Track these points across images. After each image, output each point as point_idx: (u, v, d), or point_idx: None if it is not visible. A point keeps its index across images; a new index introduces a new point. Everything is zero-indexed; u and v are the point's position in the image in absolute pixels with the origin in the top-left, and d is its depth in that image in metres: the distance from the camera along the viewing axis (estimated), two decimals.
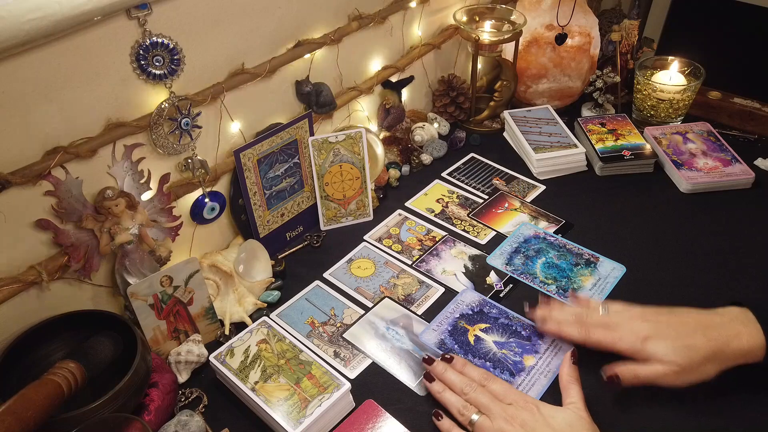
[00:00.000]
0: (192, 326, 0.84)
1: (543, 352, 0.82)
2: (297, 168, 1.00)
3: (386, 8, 1.07)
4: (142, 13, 0.71)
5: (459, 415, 0.72)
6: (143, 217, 0.80)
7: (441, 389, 0.76)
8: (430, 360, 0.79)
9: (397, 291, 0.93)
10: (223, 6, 0.81)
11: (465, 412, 0.72)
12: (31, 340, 0.72)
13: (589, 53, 1.26)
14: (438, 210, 1.09)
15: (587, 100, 1.34)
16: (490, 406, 0.71)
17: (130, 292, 0.77)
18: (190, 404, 0.78)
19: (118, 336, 0.74)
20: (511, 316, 0.88)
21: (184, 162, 0.86)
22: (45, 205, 0.72)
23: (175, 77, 0.78)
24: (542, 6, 1.25)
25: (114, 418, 0.64)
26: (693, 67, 1.23)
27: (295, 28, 0.94)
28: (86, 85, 0.71)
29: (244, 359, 0.78)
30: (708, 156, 1.14)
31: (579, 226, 1.04)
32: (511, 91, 1.27)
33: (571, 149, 1.15)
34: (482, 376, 0.75)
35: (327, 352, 0.84)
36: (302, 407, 0.72)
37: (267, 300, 0.92)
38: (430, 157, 1.20)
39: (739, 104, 1.26)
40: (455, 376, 0.76)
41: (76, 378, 0.64)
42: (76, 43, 0.67)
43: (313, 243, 1.03)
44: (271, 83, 0.93)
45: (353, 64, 1.08)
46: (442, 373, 0.77)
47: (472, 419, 0.71)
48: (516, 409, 0.70)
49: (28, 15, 0.59)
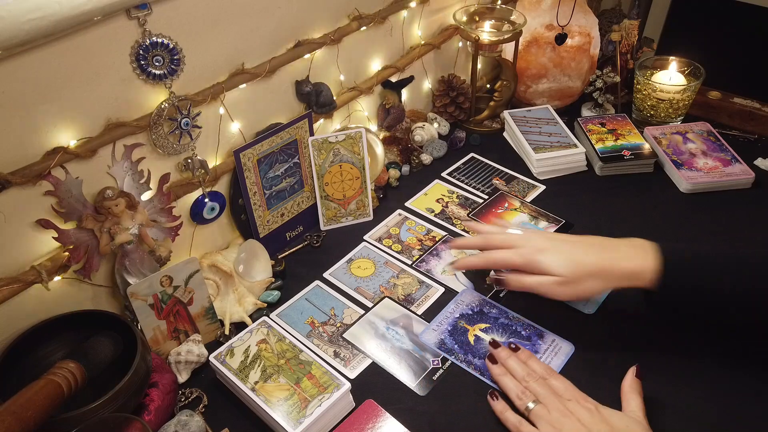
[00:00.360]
0: (192, 326, 0.84)
1: (543, 352, 0.82)
2: (297, 168, 1.00)
3: (386, 8, 1.07)
4: (142, 13, 0.71)
5: (517, 399, 0.73)
6: (143, 217, 0.80)
7: (502, 372, 0.76)
8: (495, 344, 0.79)
9: (397, 291, 0.93)
10: (223, 6, 0.81)
11: (523, 397, 0.72)
12: (31, 340, 0.72)
13: (589, 53, 1.26)
14: (438, 210, 1.09)
15: (587, 100, 1.34)
16: (548, 397, 0.71)
17: (130, 292, 0.77)
18: (190, 404, 0.78)
19: (118, 336, 0.74)
20: (511, 316, 0.88)
21: (184, 162, 0.86)
22: (45, 205, 0.72)
23: (175, 77, 0.78)
24: (542, 6, 1.25)
25: (114, 418, 0.64)
26: (693, 67, 1.23)
27: (295, 28, 0.94)
28: (86, 85, 0.71)
29: (244, 359, 0.78)
30: (708, 156, 1.14)
31: (579, 226, 1.04)
32: (511, 91, 1.27)
33: (571, 149, 1.15)
34: (545, 370, 0.76)
35: (327, 352, 0.84)
36: (302, 407, 0.72)
37: (267, 300, 0.92)
38: (430, 157, 1.20)
39: (739, 104, 1.26)
40: (518, 364, 0.76)
41: (76, 378, 0.64)
42: (76, 43, 0.67)
43: (313, 243, 1.03)
44: (271, 83, 0.93)
45: (353, 64, 1.08)
46: (505, 358, 0.77)
47: (528, 406, 0.71)
48: (574, 405, 0.70)
49: (28, 15, 0.59)
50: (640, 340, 0.85)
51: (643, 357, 0.82)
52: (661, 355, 0.82)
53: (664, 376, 0.79)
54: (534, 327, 0.86)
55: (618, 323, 0.87)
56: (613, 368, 0.80)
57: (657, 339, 0.84)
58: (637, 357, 0.82)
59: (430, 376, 0.80)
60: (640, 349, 0.83)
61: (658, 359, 0.81)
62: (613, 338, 0.85)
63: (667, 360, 0.81)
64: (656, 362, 0.81)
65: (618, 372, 0.79)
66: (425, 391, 0.79)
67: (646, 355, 0.82)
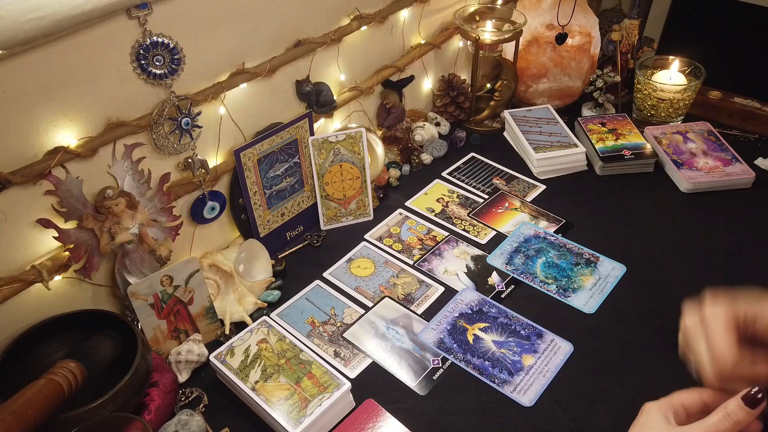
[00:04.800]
0: (192, 326, 0.84)
1: (542, 352, 0.83)
2: (297, 167, 1.00)
3: (386, 8, 1.07)
4: (142, 13, 0.71)
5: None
6: (143, 217, 0.80)
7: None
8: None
9: (397, 290, 0.93)
10: (223, 5, 0.81)
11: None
12: (31, 340, 0.72)
13: (589, 53, 1.26)
14: (438, 209, 1.09)
15: (587, 100, 1.34)
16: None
17: (131, 291, 0.77)
18: (190, 404, 0.78)
19: (118, 336, 0.74)
20: (510, 316, 0.88)
21: (184, 161, 0.86)
22: (45, 205, 0.72)
23: (176, 77, 0.78)
24: (542, 5, 1.25)
25: (114, 417, 0.64)
26: (693, 67, 1.23)
27: (296, 28, 0.94)
28: (87, 85, 0.71)
29: (244, 359, 0.78)
30: (708, 155, 1.14)
31: (579, 225, 1.04)
32: (512, 90, 1.27)
33: (572, 149, 1.15)
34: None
35: (327, 352, 0.84)
36: (302, 407, 0.72)
37: (267, 299, 0.92)
38: (430, 157, 1.20)
39: (739, 104, 1.26)
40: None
41: (76, 378, 0.65)
42: (76, 43, 0.67)
43: (314, 242, 1.03)
44: (271, 83, 0.93)
45: (353, 63, 1.08)
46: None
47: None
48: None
49: (28, 15, 0.59)
50: (640, 340, 0.85)
51: (643, 357, 0.82)
52: (661, 354, 0.82)
53: (664, 376, 0.79)
54: (533, 326, 0.86)
55: (618, 323, 0.87)
56: (613, 368, 0.80)
57: (657, 339, 0.84)
58: (637, 357, 0.82)
59: (431, 375, 0.81)
60: (640, 349, 0.83)
61: (658, 359, 0.81)
62: (612, 338, 0.85)
63: (667, 360, 0.81)
64: (656, 362, 0.81)
65: (617, 372, 0.80)
66: (425, 391, 0.79)
67: (646, 354, 0.82)
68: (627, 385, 0.78)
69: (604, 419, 0.73)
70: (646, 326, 0.86)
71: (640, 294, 0.91)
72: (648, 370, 0.80)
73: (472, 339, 0.85)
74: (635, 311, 0.88)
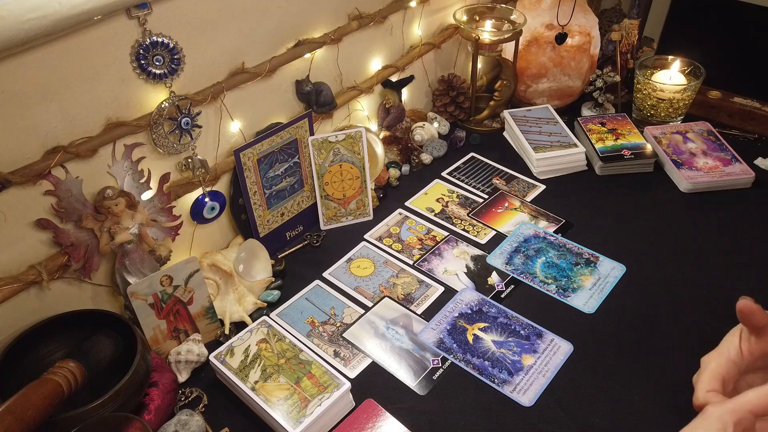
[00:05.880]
0: (192, 326, 0.84)
1: (541, 352, 0.83)
2: (297, 167, 1.00)
3: (386, 8, 1.07)
4: (142, 13, 0.71)
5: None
6: (143, 217, 0.80)
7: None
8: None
9: (397, 290, 0.93)
10: (223, 5, 0.81)
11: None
12: (31, 340, 0.72)
13: (589, 53, 1.26)
14: (438, 209, 1.09)
15: (587, 100, 1.34)
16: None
17: (130, 291, 0.77)
18: (190, 404, 0.78)
19: (118, 336, 0.74)
20: (510, 316, 0.88)
21: (184, 161, 0.86)
22: (45, 205, 0.72)
23: (175, 77, 0.78)
24: (542, 5, 1.25)
25: (114, 417, 0.64)
26: (693, 67, 1.23)
27: (295, 28, 0.94)
28: (86, 85, 0.71)
29: (244, 359, 0.78)
30: (708, 155, 1.14)
31: (579, 225, 1.04)
32: (511, 90, 1.27)
33: (571, 149, 1.15)
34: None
35: (327, 352, 0.84)
36: (302, 407, 0.72)
37: (267, 299, 0.92)
38: (430, 157, 1.20)
39: (739, 104, 1.26)
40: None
41: (76, 378, 0.64)
42: (76, 43, 0.67)
43: (313, 242, 1.03)
44: (271, 83, 0.93)
45: (353, 63, 1.08)
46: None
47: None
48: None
49: (28, 15, 0.59)
50: (639, 340, 0.85)
51: (643, 356, 0.82)
52: (661, 354, 0.82)
53: (664, 376, 0.79)
54: (533, 326, 0.86)
55: (618, 323, 0.87)
56: (612, 368, 0.80)
57: (656, 339, 0.84)
58: (637, 356, 0.82)
59: (430, 375, 0.81)
60: (640, 349, 0.83)
61: (658, 358, 0.81)
62: (612, 338, 0.85)
63: (668, 360, 0.81)
64: (656, 361, 0.81)
65: (617, 372, 0.80)
66: (425, 391, 0.79)
67: (646, 354, 0.82)
68: (627, 385, 0.78)
69: (603, 419, 0.73)
70: (645, 326, 0.86)
71: (640, 294, 0.91)
72: (648, 369, 0.80)
73: (472, 339, 0.85)
74: (635, 311, 0.88)
